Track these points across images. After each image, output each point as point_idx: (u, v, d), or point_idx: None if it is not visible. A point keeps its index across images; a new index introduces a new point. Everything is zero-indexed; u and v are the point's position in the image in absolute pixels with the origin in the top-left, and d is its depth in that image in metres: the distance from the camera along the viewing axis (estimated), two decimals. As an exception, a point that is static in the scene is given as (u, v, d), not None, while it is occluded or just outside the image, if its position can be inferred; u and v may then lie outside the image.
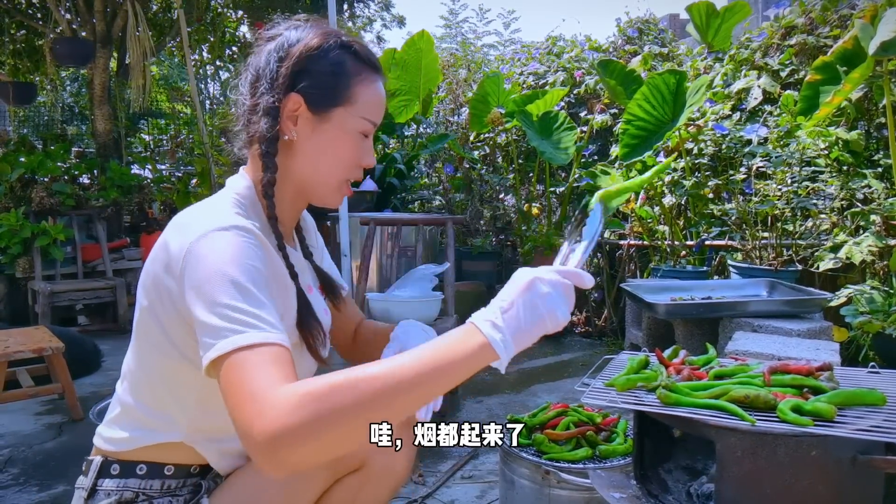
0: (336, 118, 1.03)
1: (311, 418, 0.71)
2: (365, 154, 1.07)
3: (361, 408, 0.73)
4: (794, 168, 3.06)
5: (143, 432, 1.02)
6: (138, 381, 1.03)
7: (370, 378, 0.75)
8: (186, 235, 0.90)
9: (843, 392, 1.04)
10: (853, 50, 2.69)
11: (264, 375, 0.76)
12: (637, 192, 4.02)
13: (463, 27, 11.44)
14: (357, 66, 1.04)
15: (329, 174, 1.05)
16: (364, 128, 1.05)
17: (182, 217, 0.98)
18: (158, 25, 6.40)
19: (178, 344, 0.96)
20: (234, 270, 0.85)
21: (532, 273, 0.85)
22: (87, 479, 1.04)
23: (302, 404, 0.72)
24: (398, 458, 1.08)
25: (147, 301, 0.98)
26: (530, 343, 0.83)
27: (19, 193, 4.81)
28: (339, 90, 1.02)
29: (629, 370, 1.23)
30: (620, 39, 5.53)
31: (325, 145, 1.03)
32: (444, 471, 2.21)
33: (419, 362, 0.77)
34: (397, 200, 5.53)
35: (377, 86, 1.07)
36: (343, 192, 1.09)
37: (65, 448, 2.53)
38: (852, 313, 2.29)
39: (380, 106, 1.07)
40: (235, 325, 0.81)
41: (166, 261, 0.93)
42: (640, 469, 1.27)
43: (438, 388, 0.78)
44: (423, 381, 0.76)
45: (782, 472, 0.98)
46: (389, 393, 0.75)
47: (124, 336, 4.52)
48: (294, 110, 1.01)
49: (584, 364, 3.69)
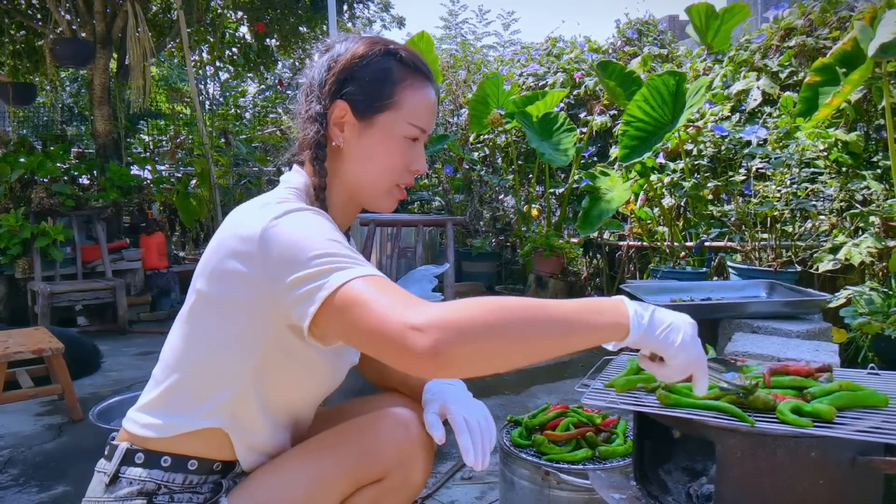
0: (381, 124, 1.05)
1: (470, 321, 0.77)
2: (415, 159, 1.09)
3: (511, 325, 0.80)
4: (793, 169, 3.07)
5: (181, 418, 1.02)
6: (184, 364, 1.03)
7: (520, 303, 0.82)
8: (258, 220, 0.93)
9: (846, 394, 1.04)
10: (852, 51, 2.70)
11: (399, 291, 0.82)
12: (637, 194, 4.03)
13: (462, 28, 11.43)
14: (403, 72, 1.06)
15: (377, 179, 1.07)
16: (411, 133, 1.06)
17: (245, 207, 1.01)
18: (158, 26, 6.40)
19: (235, 330, 0.98)
20: (319, 231, 0.90)
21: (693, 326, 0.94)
22: (110, 464, 1.03)
23: (458, 308, 0.78)
24: (417, 471, 1.08)
25: (206, 287, 1.00)
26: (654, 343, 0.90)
27: (19, 194, 4.81)
28: (384, 96, 1.04)
29: (629, 371, 1.24)
30: (620, 41, 5.53)
31: (371, 151, 1.06)
32: (444, 472, 2.21)
33: (566, 306, 0.85)
34: (397, 201, 5.54)
35: (425, 91, 1.08)
36: (394, 196, 1.11)
37: (65, 449, 2.53)
38: (851, 314, 2.29)
39: (428, 111, 1.08)
40: (342, 262, 0.86)
41: (234, 247, 0.95)
42: (640, 470, 1.27)
43: (573, 334, 0.84)
44: (565, 320, 0.84)
45: (782, 473, 0.98)
46: (533, 321, 0.82)
47: (124, 337, 4.54)
48: (341, 117, 1.05)
49: (584, 365, 3.69)
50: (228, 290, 0.97)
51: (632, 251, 4.23)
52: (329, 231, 0.92)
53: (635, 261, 4.27)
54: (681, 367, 0.92)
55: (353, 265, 0.86)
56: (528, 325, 0.82)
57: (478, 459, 1.05)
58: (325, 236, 0.90)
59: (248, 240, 0.93)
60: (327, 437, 1.08)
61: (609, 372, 1.31)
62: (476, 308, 0.80)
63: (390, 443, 1.05)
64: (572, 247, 4.34)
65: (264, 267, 0.91)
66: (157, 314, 5.20)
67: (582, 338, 0.85)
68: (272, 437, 1.09)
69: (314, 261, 0.86)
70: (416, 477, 1.10)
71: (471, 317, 0.79)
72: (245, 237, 0.94)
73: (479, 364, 0.80)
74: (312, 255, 0.87)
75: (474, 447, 1.06)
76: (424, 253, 3.44)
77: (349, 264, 0.86)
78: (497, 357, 0.81)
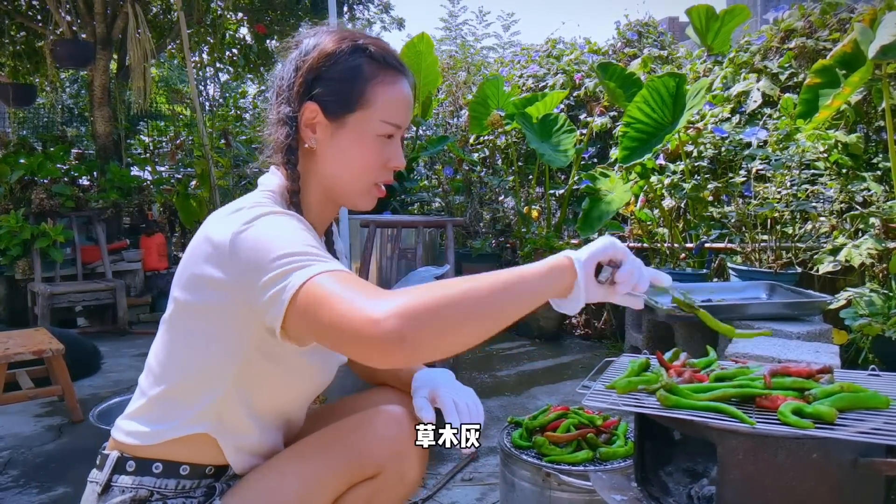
0: (353, 124, 1.03)
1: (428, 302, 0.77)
2: (391, 156, 1.06)
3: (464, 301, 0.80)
4: (793, 171, 3.07)
5: (167, 425, 1.02)
6: (168, 373, 1.03)
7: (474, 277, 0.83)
8: (229, 226, 0.92)
9: (847, 395, 1.04)
10: (852, 53, 2.70)
11: (359, 283, 0.82)
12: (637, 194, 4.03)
13: (462, 30, 11.43)
14: (373, 69, 1.03)
15: (354, 179, 1.06)
16: (385, 130, 1.04)
17: (219, 212, 1.00)
18: (158, 27, 6.40)
19: (215, 335, 0.98)
20: (286, 233, 0.90)
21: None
22: (101, 473, 1.04)
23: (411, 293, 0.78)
24: (412, 468, 1.08)
25: (183, 295, 0.99)
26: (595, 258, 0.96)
27: (19, 195, 4.81)
28: (354, 95, 1.02)
29: (630, 372, 1.24)
30: (620, 42, 5.54)
31: (345, 151, 1.04)
32: (444, 473, 2.21)
33: (516, 269, 0.87)
34: (397, 202, 5.53)
35: (398, 86, 1.05)
36: (373, 195, 1.09)
37: (65, 450, 2.52)
38: (852, 316, 2.29)
39: (401, 106, 1.06)
40: (304, 260, 0.85)
41: (208, 252, 0.94)
42: (641, 471, 1.27)
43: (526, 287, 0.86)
44: (519, 277, 0.86)
45: (783, 475, 0.98)
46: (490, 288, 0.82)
47: (124, 338, 4.54)
48: (312, 118, 1.03)
49: (584, 366, 3.69)
50: (205, 296, 0.96)
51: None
52: (296, 232, 0.91)
53: (635, 262, 4.27)
54: (635, 270, 0.97)
55: (313, 262, 0.85)
56: (484, 294, 0.82)
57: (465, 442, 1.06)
58: (291, 237, 0.89)
59: (219, 245, 0.93)
60: (320, 436, 1.08)
61: (610, 374, 1.31)
62: (435, 289, 0.80)
63: (383, 439, 1.04)
64: (572, 248, 4.33)
65: (236, 272, 0.91)
66: (157, 315, 5.19)
67: (536, 286, 0.87)
68: (262, 439, 1.09)
69: (277, 262, 0.85)
70: (412, 473, 1.09)
71: (431, 298, 0.78)
72: (217, 243, 0.93)
73: (447, 341, 0.80)
74: (275, 257, 0.86)
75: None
76: (425, 254, 3.43)
77: (310, 261, 0.85)
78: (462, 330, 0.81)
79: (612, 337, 4.26)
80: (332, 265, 0.85)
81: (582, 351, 4.09)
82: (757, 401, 1.08)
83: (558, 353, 4.01)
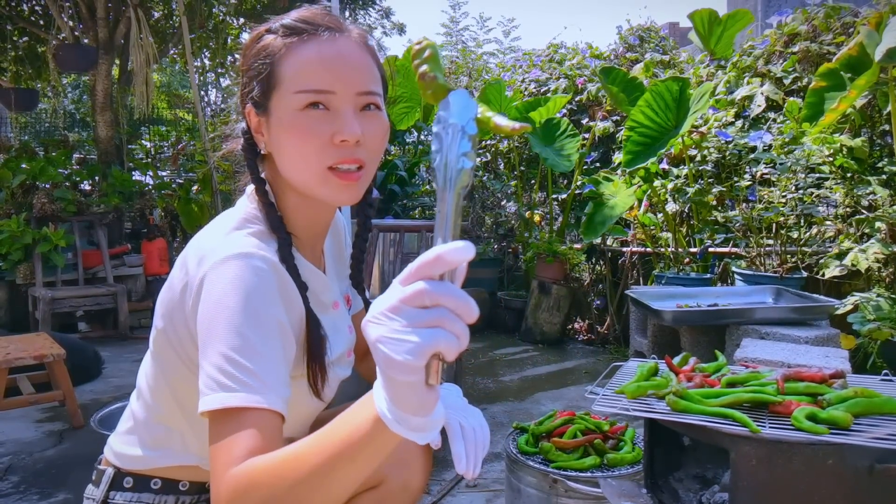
0: (274, 108, 0.89)
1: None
2: (337, 131, 0.87)
3: (296, 493, 0.68)
4: (798, 175, 3.06)
5: (158, 452, 1.00)
6: (154, 400, 1.00)
7: (301, 459, 0.68)
8: (203, 262, 0.86)
9: (862, 401, 1.02)
10: (858, 57, 2.69)
11: (235, 446, 0.73)
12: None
13: (463, 35, 11.46)
14: (278, 42, 0.90)
15: (299, 170, 0.90)
16: (303, 101, 0.87)
17: (201, 236, 0.93)
18: (160, 32, 6.41)
19: (193, 368, 0.92)
20: (241, 315, 0.80)
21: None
22: (98, 490, 1.02)
23: (239, 492, 0.69)
24: (415, 476, 1.06)
25: (162, 323, 0.95)
26: (412, 395, 0.59)
27: (20, 199, 4.80)
28: (265, 78, 0.90)
29: (639, 377, 1.22)
30: (622, 47, 5.54)
31: (278, 142, 0.90)
32: (449, 479, 2.19)
33: (326, 457, 0.67)
34: (398, 207, 5.53)
35: (309, 47, 0.88)
36: (333, 183, 0.90)
37: (65, 455, 2.51)
38: (860, 320, 2.28)
39: (316, 68, 0.87)
40: (228, 382, 0.77)
41: (184, 282, 0.89)
42: (651, 477, 1.25)
43: (358, 472, 0.68)
44: (338, 470, 0.67)
45: (798, 482, 0.96)
46: (315, 478, 0.67)
47: (125, 343, 4.52)
48: (255, 122, 0.93)
49: (588, 371, 3.67)
50: (178, 325, 0.92)
51: (635, 257, 4.21)
52: (251, 312, 0.81)
53: (639, 267, 4.26)
54: (455, 339, 0.57)
55: (239, 388, 0.77)
56: (315, 478, 0.67)
57: (469, 468, 1.01)
58: (243, 322, 0.80)
59: (191, 281, 0.87)
60: None
61: (618, 378, 1.29)
62: (270, 485, 0.69)
63: None
64: (575, 253, 4.33)
65: (193, 314, 0.85)
66: (158, 320, 5.17)
67: (365, 457, 0.67)
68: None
69: (215, 358, 0.78)
70: (416, 480, 1.07)
71: (265, 494, 0.68)
72: (191, 278, 0.87)
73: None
74: (217, 350, 0.79)
75: (467, 455, 1.02)
76: (427, 259, 3.42)
77: (236, 386, 0.77)
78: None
79: (615, 342, 4.24)
80: (251, 398, 0.76)
81: (585, 356, 4.06)
82: (770, 406, 1.06)
83: (562, 358, 3.99)
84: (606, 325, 4.35)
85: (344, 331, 1.10)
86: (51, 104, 7.85)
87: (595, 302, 4.47)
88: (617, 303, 4.29)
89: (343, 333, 1.09)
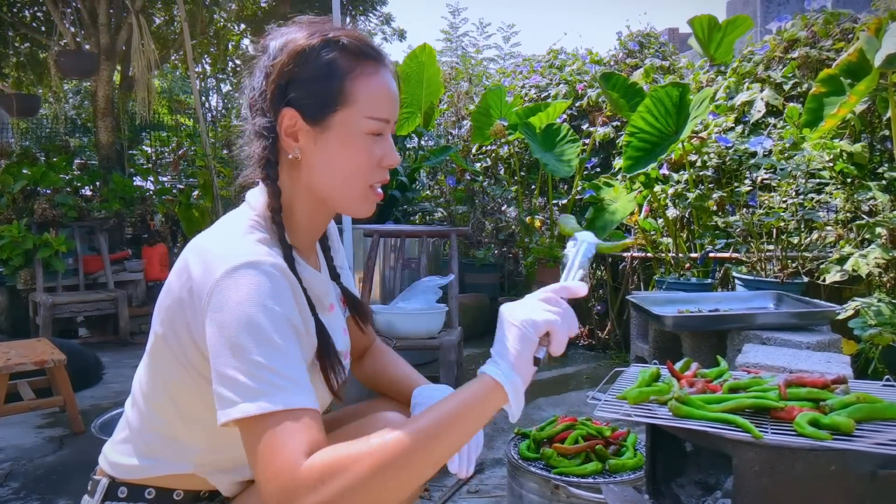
0: (337, 125, 0.92)
1: (335, 494, 0.73)
2: (385, 155, 0.96)
3: (382, 475, 0.75)
4: (798, 180, 3.06)
5: (153, 461, 0.99)
6: (149, 408, 0.99)
7: (391, 443, 0.76)
8: (212, 269, 0.85)
9: (864, 406, 1.02)
10: (858, 62, 2.70)
11: (290, 443, 0.76)
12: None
13: (463, 41, 11.51)
14: (349, 61, 0.93)
15: (346, 185, 0.96)
16: (372, 127, 0.93)
17: (203, 242, 0.92)
18: (162, 38, 6.43)
19: (194, 374, 0.92)
20: (262, 319, 0.81)
21: (511, 305, 0.87)
22: (93, 500, 1.02)
23: (324, 479, 0.73)
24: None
25: (162, 328, 0.94)
26: (527, 364, 0.83)
27: (21, 205, 4.81)
28: (333, 93, 0.92)
29: (641, 383, 1.22)
30: (621, 53, 5.55)
31: (333, 156, 0.93)
32: (450, 485, 2.18)
33: (438, 419, 0.80)
34: (399, 213, 5.53)
35: (379, 77, 0.94)
36: (370, 199, 0.98)
37: (66, 461, 2.50)
38: (861, 326, 2.28)
39: (387, 98, 0.95)
40: (263, 386, 0.78)
41: (189, 288, 0.88)
42: (653, 484, 1.25)
43: (458, 437, 0.81)
44: (443, 433, 0.79)
45: (801, 488, 0.96)
46: (410, 455, 0.76)
47: (125, 348, 4.51)
48: (292, 126, 0.93)
49: (588, 377, 3.66)
50: (180, 332, 0.91)
51: (636, 262, 4.21)
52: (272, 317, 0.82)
53: (639, 272, 4.25)
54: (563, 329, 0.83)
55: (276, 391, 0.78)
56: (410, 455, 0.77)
57: (462, 467, 1.02)
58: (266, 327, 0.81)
59: (199, 289, 0.86)
60: None
61: (619, 384, 1.29)
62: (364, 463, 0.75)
63: None
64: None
65: (202, 321, 0.84)
66: (158, 325, 5.17)
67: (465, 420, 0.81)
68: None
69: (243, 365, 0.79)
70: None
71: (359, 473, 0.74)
72: (198, 285, 0.86)
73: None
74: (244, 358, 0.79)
75: (459, 455, 1.03)
76: (428, 264, 3.42)
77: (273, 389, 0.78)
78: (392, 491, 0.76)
79: (616, 347, 4.24)
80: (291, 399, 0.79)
81: (586, 361, 4.06)
82: (772, 412, 1.06)
83: (562, 364, 3.98)
84: (607, 330, 4.34)
85: (340, 332, 1.11)
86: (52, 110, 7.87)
87: (596, 307, 4.47)
88: (618, 308, 4.29)
89: (339, 335, 1.10)
